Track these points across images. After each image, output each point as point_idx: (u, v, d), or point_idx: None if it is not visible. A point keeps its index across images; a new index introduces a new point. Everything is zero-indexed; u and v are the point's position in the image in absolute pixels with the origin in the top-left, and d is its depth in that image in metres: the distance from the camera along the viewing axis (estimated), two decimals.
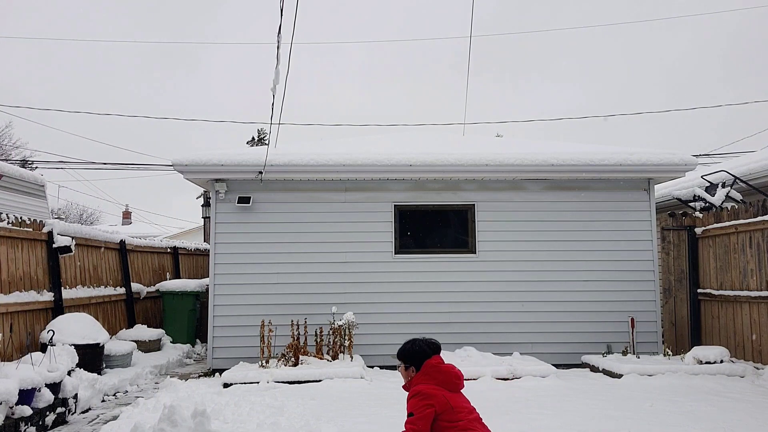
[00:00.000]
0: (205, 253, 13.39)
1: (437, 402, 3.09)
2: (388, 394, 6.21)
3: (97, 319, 7.68)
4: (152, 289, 10.60)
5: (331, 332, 7.83)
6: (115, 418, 5.58)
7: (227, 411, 5.43)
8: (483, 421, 3.26)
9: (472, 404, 3.29)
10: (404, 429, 3.11)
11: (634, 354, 7.98)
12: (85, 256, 8.49)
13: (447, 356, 7.54)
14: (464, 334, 8.34)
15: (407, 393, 3.30)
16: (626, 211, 8.76)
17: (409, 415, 3.12)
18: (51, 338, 6.15)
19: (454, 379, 3.26)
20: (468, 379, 6.81)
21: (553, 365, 7.48)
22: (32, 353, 5.69)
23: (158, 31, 60.62)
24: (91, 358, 6.90)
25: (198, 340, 10.58)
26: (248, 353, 7.92)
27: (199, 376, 7.89)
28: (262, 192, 8.55)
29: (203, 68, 69.73)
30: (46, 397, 5.17)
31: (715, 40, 59.63)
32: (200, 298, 10.46)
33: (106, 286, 9.04)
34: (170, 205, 60.90)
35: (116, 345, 7.75)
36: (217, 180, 8.44)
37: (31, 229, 7.06)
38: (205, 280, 10.15)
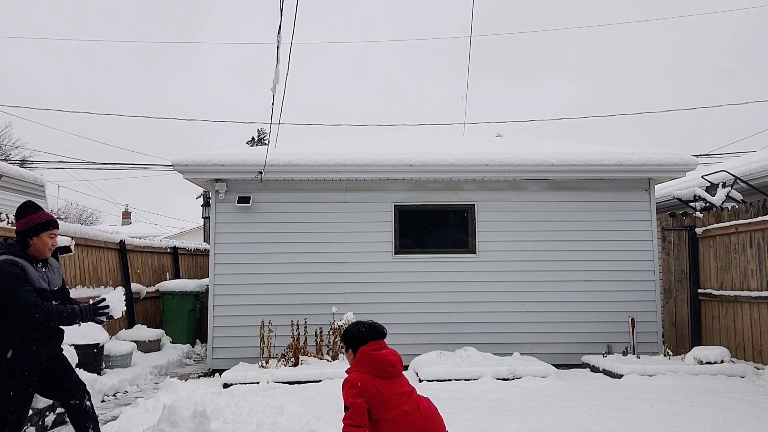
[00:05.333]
0: (205, 253, 13.38)
1: (366, 392, 2.99)
2: None
3: None
4: (152, 289, 10.59)
5: (331, 332, 7.82)
6: (114, 418, 5.57)
7: (227, 411, 5.42)
8: (429, 403, 3.15)
9: (410, 386, 3.16)
10: (342, 425, 3.01)
11: (634, 354, 7.97)
12: (84, 256, 8.48)
13: (447, 356, 7.56)
14: (464, 334, 8.33)
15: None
16: (626, 211, 8.75)
17: (345, 408, 3.06)
18: None
19: (386, 366, 3.12)
20: (468, 380, 6.89)
21: (554, 365, 7.46)
22: None
23: (157, 30, 60.63)
24: (91, 358, 6.89)
25: (198, 341, 10.57)
26: (248, 353, 7.91)
27: (199, 377, 7.88)
28: (262, 192, 8.54)
29: (203, 68, 69.77)
30: None
31: (716, 39, 59.66)
32: (200, 298, 10.45)
33: (105, 286, 9.03)
34: (170, 205, 60.97)
35: (116, 345, 7.75)
36: (217, 180, 8.43)
37: None
38: (205, 280, 10.14)
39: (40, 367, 3.68)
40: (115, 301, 3.87)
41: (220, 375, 7.27)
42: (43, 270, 3.76)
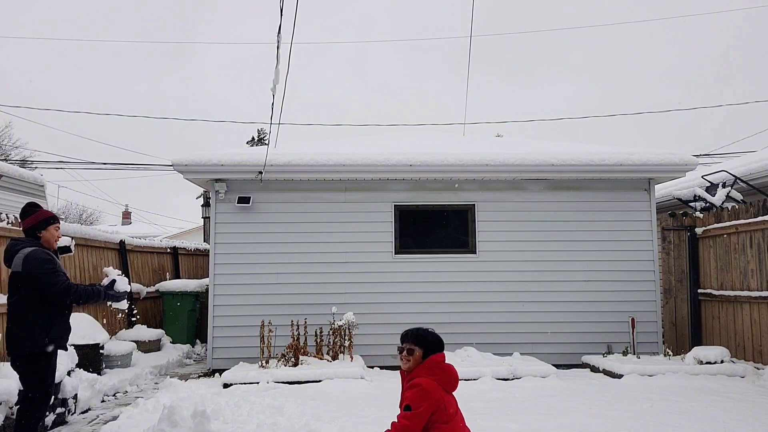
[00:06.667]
0: (205, 253, 13.37)
1: (435, 401, 3.09)
2: (388, 395, 6.19)
3: (97, 319, 7.68)
4: (152, 289, 10.58)
5: (331, 332, 7.82)
6: (114, 418, 5.58)
7: (227, 411, 5.42)
8: (465, 422, 3.31)
9: (457, 405, 3.32)
10: (396, 421, 3.08)
11: (634, 354, 7.97)
12: (84, 257, 8.48)
13: (447, 356, 7.55)
14: (464, 334, 8.33)
15: (405, 381, 3.29)
16: (626, 211, 8.75)
17: (406, 408, 3.09)
18: None
19: (452, 380, 3.27)
20: (468, 380, 6.89)
21: (554, 365, 7.47)
22: None
23: (157, 30, 60.65)
24: (91, 358, 6.89)
25: (198, 341, 10.57)
26: (248, 353, 7.90)
27: (199, 377, 7.88)
28: (262, 192, 8.54)
29: (202, 67, 69.76)
30: None
31: (716, 39, 59.66)
32: (200, 298, 10.45)
33: None
34: (170, 205, 60.94)
35: (116, 345, 7.75)
36: (217, 180, 8.43)
37: None
38: (205, 280, 10.13)
39: (63, 347, 4.20)
40: (122, 283, 4.37)
41: (220, 375, 7.27)
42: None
